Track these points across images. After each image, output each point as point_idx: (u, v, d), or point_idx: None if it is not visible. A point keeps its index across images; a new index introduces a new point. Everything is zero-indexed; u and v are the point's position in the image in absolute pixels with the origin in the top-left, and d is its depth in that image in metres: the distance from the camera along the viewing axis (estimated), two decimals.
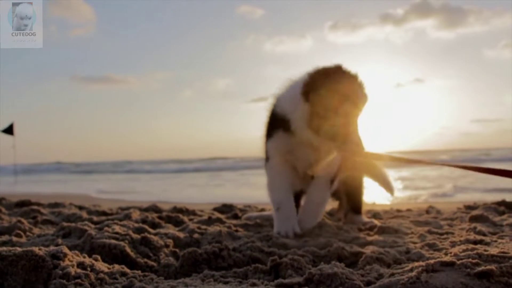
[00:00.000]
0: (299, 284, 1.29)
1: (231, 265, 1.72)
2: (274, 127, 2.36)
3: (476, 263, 1.29)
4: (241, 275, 1.52)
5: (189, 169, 20.84)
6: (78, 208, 3.66)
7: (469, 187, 7.60)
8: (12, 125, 13.84)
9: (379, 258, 1.64)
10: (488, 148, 33.44)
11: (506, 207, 3.05)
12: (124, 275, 1.48)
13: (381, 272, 1.42)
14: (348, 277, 1.28)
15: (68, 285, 1.27)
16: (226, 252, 1.77)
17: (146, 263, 1.77)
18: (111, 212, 3.31)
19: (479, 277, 1.22)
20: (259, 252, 1.83)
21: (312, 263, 1.68)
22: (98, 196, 7.74)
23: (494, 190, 6.69)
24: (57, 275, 1.31)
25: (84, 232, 1.99)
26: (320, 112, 2.15)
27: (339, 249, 1.80)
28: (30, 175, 20.02)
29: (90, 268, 1.43)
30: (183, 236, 2.16)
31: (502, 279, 1.21)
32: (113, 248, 1.77)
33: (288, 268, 1.50)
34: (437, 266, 1.29)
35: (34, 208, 3.18)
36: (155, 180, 13.88)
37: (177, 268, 1.70)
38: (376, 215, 3.25)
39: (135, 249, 1.86)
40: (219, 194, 8.36)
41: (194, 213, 3.27)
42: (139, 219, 2.65)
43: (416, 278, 1.21)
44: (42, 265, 1.33)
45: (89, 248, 1.79)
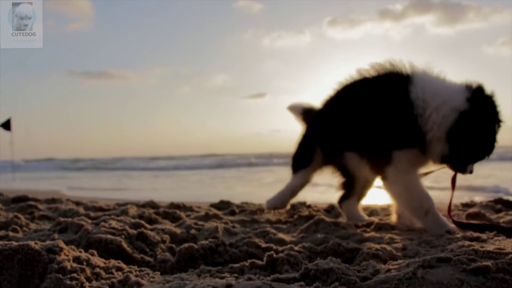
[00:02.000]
0: (295, 279, 1.29)
1: (227, 260, 1.72)
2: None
3: (472, 259, 1.29)
4: (238, 270, 1.52)
5: (182, 167, 20.52)
6: (75, 204, 3.65)
7: (467, 185, 7.61)
8: (9, 121, 13.74)
9: (376, 255, 1.63)
10: None
11: (502, 205, 3.05)
12: (120, 270, 1.48)
13: (377, 268, 1.42)
14: (344, 273, 1.28)
15: (63, 279, 1.26)
16: (222, 247, 1.77)
17: (142, 259, 1.77)
18: (108, 208, 3.31)
19: (475, 273, 1.22)
20: (256, 247, 1.83)
21: (309, 259, 1.68)
22: (68, 193, 7.51)
23: (491, 190, 6.71)
24: (53, 269, 1.31)
25: (81, 227, 1.98)
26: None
27: (335, 245, 1.80)
28: (19, 171, 19.53)
29: (86, 262, 1.43)
30: (180, 231, 2.15)
31: (498, 275, 1.21)
32: (109, 243, 1.77)
33: (285, 263, 1.50)
34: (433, 262, 1.30)
35: (31, 204, 3.18)
36: (142, 179, 13.45)
37: (174, 263, 1.70)
38: (373, 212, 3.25)
39: (132, 244, 1.86)
40: (216, 191, 8.36)
41: (191, 209, 3.27)
42: (136, 215, 2.64)
43: (412, 274, 1.21)
44: (38, 259, 1.33)
45: (86, 243, 1.79)
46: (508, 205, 3.07)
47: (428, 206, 2.16)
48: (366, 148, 2.34)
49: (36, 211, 2.97)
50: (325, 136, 2.57)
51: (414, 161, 2.20)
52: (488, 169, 10.21)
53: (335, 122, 2.49)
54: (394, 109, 2.18)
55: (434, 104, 2.09)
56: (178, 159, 29.12)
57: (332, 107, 2.56)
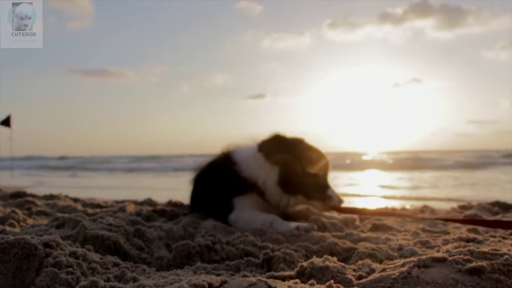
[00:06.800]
0: (291, 277, 1.29)
1: (223, 258, 1.73)
2: (242, 190, 2.50)
3: (468, 259, 1.29)
4: (234, 267, 1.53)
5: (181, 166, 20.16)
6: (73, 201, 3.65)
7: (464, 187, 7.62)
8: (9, 117, 13.72)
9: (372, 254, 1.64)
10: (483, 150, 33.50)
11: (499, 208, 3.06)
12: (116, 265, 1.48)
13: (373, 267, 1.43)
14: (339, 271, 1.28)
15: (59, 274, 1.26)
16: (219, 245, 1.78)
17: (139, 255, 1.77)
18: (105, 205, 3.31)
19: (470, 273, 1.22)
20: (252, 246, 1.83)
21: (305, 257, 1.68)
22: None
23: (488, 191, 6.72)
24: (49, 263, 1.31)
25: (78, 222, 1.98)
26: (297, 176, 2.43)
27: (332, 244, 1.81)
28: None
29: (82, 257, 1.43)
30: (177, 229, 2.16)
31: (493, 275, 1.21)
32: (106, 239, 1.77)
33: (281, 261, 1.51)
34: (428, 261, 1.30)
35: (29, 200, 3.18)
36: (140, 178, 13.16)
37: (170, 260, 1.71)
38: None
39: (129, 241, 1.86)
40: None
41: (188, 207, 3.26)
42: (134, 212, 2.64)
43: (408, 273, 1.21)
44: (34, 253, 1.33)
45: (82, 238, 1.79)
46: (505, 207, 3.07)
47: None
48: None
49: (33, 206, 2.97)
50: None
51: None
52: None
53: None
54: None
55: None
56: (177, 158, 29.06)
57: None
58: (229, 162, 2.60)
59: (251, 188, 2.49)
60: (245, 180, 2.49)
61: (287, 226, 2.26)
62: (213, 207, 2.57)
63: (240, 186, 2.51)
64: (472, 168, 14.44)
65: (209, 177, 2.77)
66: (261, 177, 2.48)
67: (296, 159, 2.45)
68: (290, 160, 2.45)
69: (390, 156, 25.33)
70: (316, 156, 2.54)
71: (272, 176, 2.47)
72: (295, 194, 2.49)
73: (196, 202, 2.86)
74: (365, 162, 20.65)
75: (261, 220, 2.35)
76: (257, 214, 2.41)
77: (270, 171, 2.47)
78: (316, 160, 2.52)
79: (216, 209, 2.53)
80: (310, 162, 2.48)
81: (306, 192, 2.50)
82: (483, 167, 14.52)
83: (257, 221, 2.34)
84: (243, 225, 2.36)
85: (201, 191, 2.82)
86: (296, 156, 2.45)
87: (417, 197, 6.43)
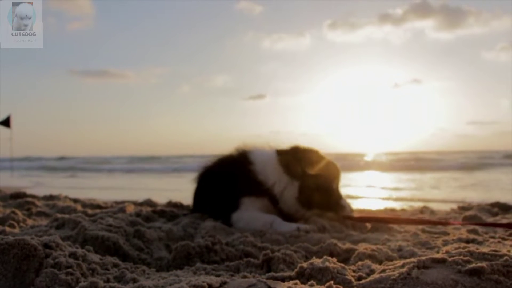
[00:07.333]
0: (290, 277, 1.29)
1: (223, 259, 1.73)
2: (254, 192, 2.52)
3: (467, 260, 1.29)
4: (233, 268, 1.53)
5: (181, 167, 19.97)
6: (72, 201, 3.65)
7: (464, 188, 7.62)
8: (9, 118, 13.71)
9: (371, 255, 1.64)
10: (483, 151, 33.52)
11: (499, 209, 3.06)
12: (116, 266, 1.48)
13: (372, 268, 1.42)
14: (339, 272, 1.28)
15: (59, 274, 1.26)
16: (219, 246, 1.77)
17: (138, 256, 1.77)
18: (105, 206, 3.31)
19: (470, 274, 1.22)
20: (252, 246, 1.83)
21: (305, 258, 1.68)
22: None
23: (489, 192, 6.72)
24: (49, 264, 1.31)
25: (78, 223, 1.98)
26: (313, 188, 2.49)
27: (331, 245, 1.81)
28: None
29: (82, 258, 1.42)
30: (177, 230, 2.16)
31: (492, 276, 1.21)
32: (106, 240, 1.77)
33: (280, 262, 1.51)
34: (428, 262, 1.30)
35: (29, 200, 3.18)
36: (140, 178, 13.02)
37: (170, 261, 1.70)
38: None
39: (128, 241, 1.86)
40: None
41: (188, 208, 3.26)
42: (133, 213, 2.64)
43: (407, 274, 1.21)
44: (34, 254, 1.33)
45: (82, 239, 1.79)
46: (505, 208, 3.07)
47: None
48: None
49: (33, 207, 2.97)
50: None
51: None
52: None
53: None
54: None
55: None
56: (177, 159, 29.04)
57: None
58: (245, 160, 2.60)
59: (264, 192, 2.51)
60: (260, 183, 2.51)
61: (287, 227, 2.27)
62: (217, 204, 2.58)
63: (252, 187, 2.52)
64: (472, 169, 14.44)
65: (219, 174, 2.76)
66: (279, 187, 2.51)
67: (314, 176, 2.50)
68: (310, 177, 2.49)
69: (390, 156, 25.34)
70: (333, 170, 2.61)
71: (292, 190, 2.50)
72: (312, 208, 2.54)
73: (200, 200, 2.85)
74: (365, 163, 20.64)
75: (262, 221, 2.36)
76: (259, 215, 2.42)
77: (289, 184, 2.51)
78: (333, 175, 2.60)
79: (219, 206, 2.54)
80: (327, 179, 2.56)
81: (323, 206, 2.56)
82: (483, 168, 14.53)
83: (259, 222, 2.35)
84: (244, 225, 2.36)
85: (206, 188, 2.81)
86: (315, 173, 2.50)
87: (417, 198, 6.43)
